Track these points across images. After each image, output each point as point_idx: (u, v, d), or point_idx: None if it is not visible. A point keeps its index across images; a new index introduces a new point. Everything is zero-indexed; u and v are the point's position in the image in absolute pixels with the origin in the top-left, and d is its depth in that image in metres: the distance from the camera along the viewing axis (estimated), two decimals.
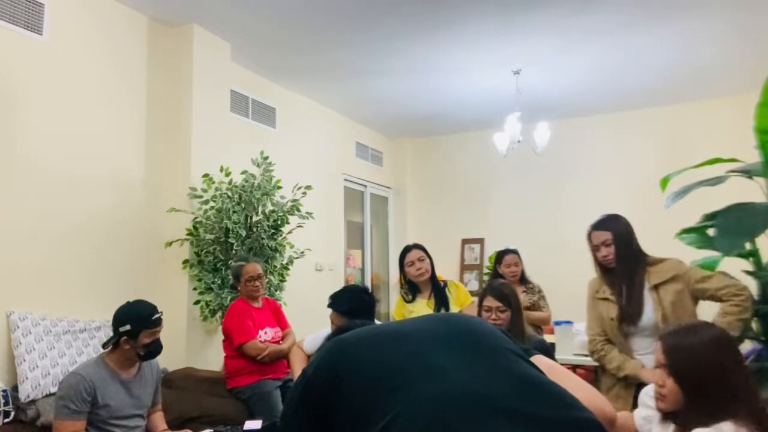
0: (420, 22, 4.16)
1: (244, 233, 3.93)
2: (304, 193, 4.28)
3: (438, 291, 3.32)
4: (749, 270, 2.80)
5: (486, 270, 6.66)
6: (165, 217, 3.90)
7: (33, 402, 2.86)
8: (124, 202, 3.75)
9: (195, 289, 3.85)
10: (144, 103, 3.94)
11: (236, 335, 3.44)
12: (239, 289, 3.61)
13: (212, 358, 4.02)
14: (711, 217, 2.85)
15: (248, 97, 4.98)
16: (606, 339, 2.61)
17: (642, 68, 5.10)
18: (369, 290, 2.87)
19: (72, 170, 3.43)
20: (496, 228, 6.92)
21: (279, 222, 4.15)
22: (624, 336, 2.55)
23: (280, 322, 3.73)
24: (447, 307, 3.28)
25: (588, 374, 3.73)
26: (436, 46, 4.59)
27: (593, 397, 1.28)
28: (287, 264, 4.30)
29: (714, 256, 3.06)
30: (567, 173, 6.62)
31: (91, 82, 3.60)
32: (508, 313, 2.66)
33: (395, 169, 7.53)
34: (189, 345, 3.92)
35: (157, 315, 2.55)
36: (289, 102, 5.53)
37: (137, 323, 2.48)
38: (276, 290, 4.19)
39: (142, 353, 2.54)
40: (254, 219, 4.07)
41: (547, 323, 4.09)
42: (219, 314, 3.88)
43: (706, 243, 3.01)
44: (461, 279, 6.96)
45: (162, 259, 3.93)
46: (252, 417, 3.15)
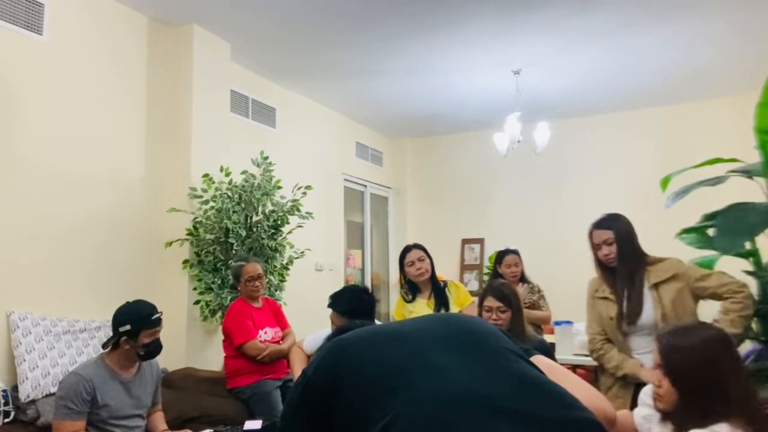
0: (420, 22, 4.16)
1: (244, 233, 3.93)
2: (304, 193, 4.28)
3: (438, 291, 3.32)
4: (749, 270, 2.80)
5: (486, 270, 6.66)
6: (165, 217, 3.90)
7: (33, 402, 2.86)
8: (124, 202, 3.75)
9: (195, 289, 3.85)
10: (144, 103, 3.94)
11: (236, 335, 3.44)
12: (239, 289, 3.62)
13: (212, 358, 4.02)
14: (711, 217, 2.85)
15: (248, 97, 4.98)
16: (605, 338, 2.61)
17: (642, 68, 5.10)
18: (369, 290, 2.87)
19: (72, 170, 3.43)
20: (496, 228, 6.92)
21: (279, 222, 4.15)
22: (623, 335, 2.55)
23: (280, 322, 3.74)
24: (447, 307, 3.28)
25: (588, 374, 3.73)
26: (436, 46, 4.59)
27: (593, 397, 1.28)
28: (287, 264, 4.30)
29: (711, 255, 3.07)
30: (567, 173, 6.62)
31: (91, 82, 3.60)
32: (509, 313, 2.66)
33: (395, 169, 7.53)
34: (189, 345, 3.92)
35: (157, 315, 2.55)
36: (289, 102, 5.53)
37: (137, 323, 2.48)
38: (276, 290, 4.19)
39: (142, 353, 2.54)
40: (254, 219, 4.07)
41: (547, 322, 4.10)
42: (219, 314, 3.88)
43: (706, 243, 3.01)
44: (461, 279, 6.96)
45: (162, 259, 3.93)
46: (252, 417, 3.15)
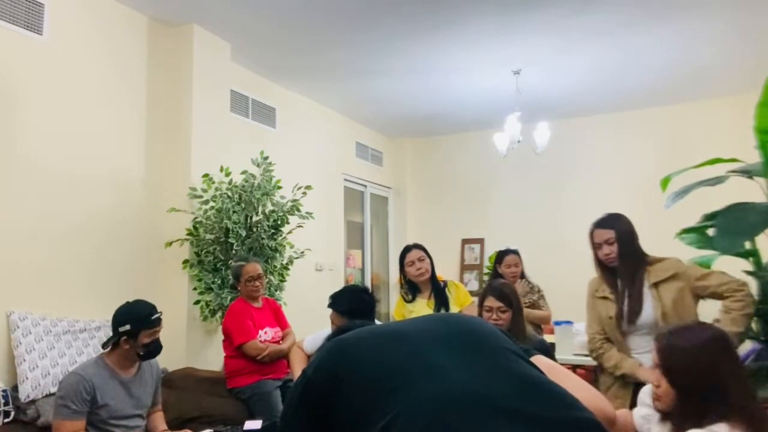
0: (420, 22, 4.16)
1: (244, 233, 3.93)
2: (304, 193, 4.28)
3: (438, 291, 3.32)
4: (749, 270, 2.80)
5: (486, 270, 6.66)
6: (165, 217, 3.90)
7: (33, 402, 2.86)
8: (124, 202, 3.75)
9: (195, 289, 3.85)
10: (144, 103, 3.94)
11: (236, 335, 3.44)
12: (239, 289, 3.61)
13: (212, 358, 4.02)
14: (711, 217, 2.85)
15: (248, 97, 4.98)
16: (605, 338, 2.62)
17: (642, 68, 5.10)
18: (369, 290, 2.87)
19: (72, 170, 3.43)
20: (496, 228, 6.92)
21: (279, 222, 4.15)
22: (622, 334, 2.55)
23: (280, 322, 3.74)
24: (447, 307, 3.27)
25: (588, 374, 3.73)
26: (436, 46, 4.59)
27: (593, 397, 1.28)
28: (287, 264, 4.30)
29: (709, 255, 3.07)
30: (567, 173, 6.62)
31: (91, 82, 3.60)
32: (509, 313, 2.66)
33: (395, 169, 7.53)
34: (189, 345, 3.92)
35: (157, 315, 2.55)
36: (289, 102, 5.53)
37: (137, 323, 2.48)
38: (276, 290, 4.19)
39: (142, 353, 2.54)
40: (254, 219, 4.07)
41: (548, 322, 4.10)
42: (219, 314, 3.88)
43: (706, 243, 3.01)
44: (461, 279, 6.96)
45: (162, 259, 3.93)
46: (252, 417, 3.15)
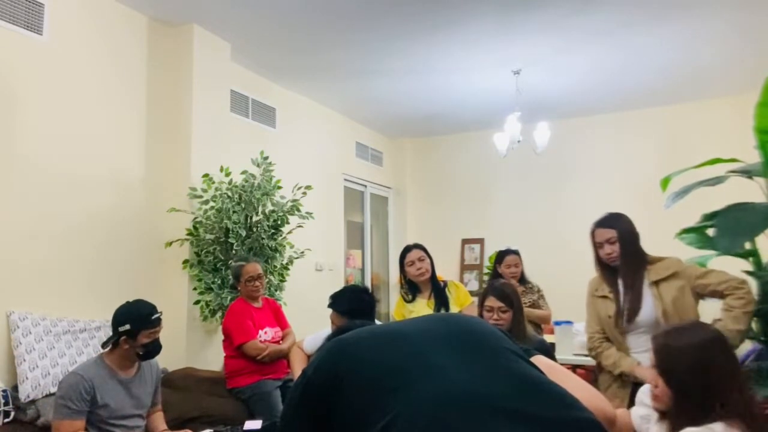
0: (420, 22, 4.16)
1: (244, 233, 3.93)
2: (304, 193, 4.28)
3: (438, 291, 3.32)
4: (749, 270, 2.80)
5: (486, 270, 6.66)
6: (165, 217, 3.90)
7: (33, 402, 2.87)
8: (124, 202, 3.75)
9: (195, 289, 3.85)
10: (144, 103, 3.94)
11: (236, 335, 3.44)
12: (239, 289, 3.61)
13: (212, 358, 4.02)
14: (711, 217, 2.85)
15: (248, 97, 4.98)
16: (604, 337, 2.62)
17: (642, 68, 5.10)
18: (369, 290, 2.87)
19: (72, 170, 3.43)
20: (496, 228, 6.92)
21: (279, 222, 4.15)
22: (621, 333, 2.56)
23: (280, 322, 3.73)
24: (447, 307, 3.27)
25: (588, 374, 3.72)
26: (436, 46, 4.59)
27: (593, 397, 1.29)
28: (287, 264, 4.30)
29: (706, 255, 3.07)
30: (567, 173, 6.62)
31: (91, 82, 3.60)
32: (510, 313, 2.66)
33: (395, 169, 7.53)
34: (189, 345, 3.92)
35: (157, 315, 2.55)
36: (289, 102, 5.53)
37: (137, 323, 2.48)
38: (276, 290, 4.19)
39: (141, 353, 2.54)
40: (254, 219, 4.07)
41: (548, 321, 4.10)
42: (219, 314, 3.88)
43: (706, 243, 3.01)
44: (461, 279, 6.96)
45: (162, 259, 3.93)
46: (252, 417, 3.15)
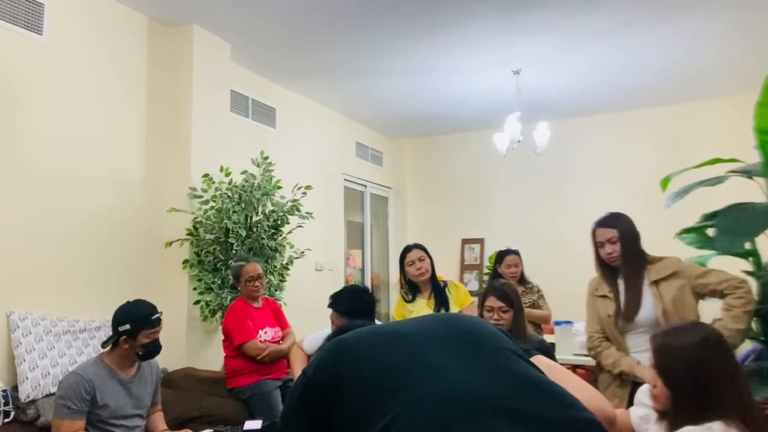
0: (420, 22, 4.16)
1: (244, 233, 3.93)
2: (304, 193, 4.28)
3: (438, 291, 3.32)
4: (749, 270, 2.80)
5: (486, 270, 6.66)
6: (165, 217, 3.90)
7: (33, 402, 2.86)
8: (124, 202, 3.75)
9: (195, 289, 3.85)
10: (144, 103, 3.94)
11: (236, 335, 3.44)
12: (239, 289, 3.61)
13: (212, 358, 4.02)
14: (711, 217, 2.85)
15: (248, 97, 4.98)
16: (604, 336, 2.62)
17: (642, 68, 5.10)
18: (369, 290, 2.87)
19: (72, 170, 3.43)
20: (496, 228, 6.92)
21: (279, 222, 4.15)
22: (620, 333, 2.56)
23: (280, 322, 3.73)
24: (447, 307, 3.27)
25: (588, 374, 3.72)
26: (436, 46, 4.59)
27: (593, 397, 1.29)
28: (287, 264, 4.30)
29: (706, 255, 3.07)
30: (567, 173, 6.62)
31: (91, 82, 3.60)
32: (511, 314, 2.65)
33: (395, 169, 7.53)
34: (189, 345, 3.92)
35: (157, 315, 2.55)
36: (289, 102, 5.53)
37: (136, 323, 2.48)
38: (276, 290, 4.19)
39: (141, 353, 2.54)
40: (254, 219, 4.07)
41: (548, 321, 4.10)
42: (219, 314, 3.88)
43: (706, 243, 3.01)
44: (461, 279, 6.96)
45: (162, 259, 3.93)
46: (252, 417, 3.15)
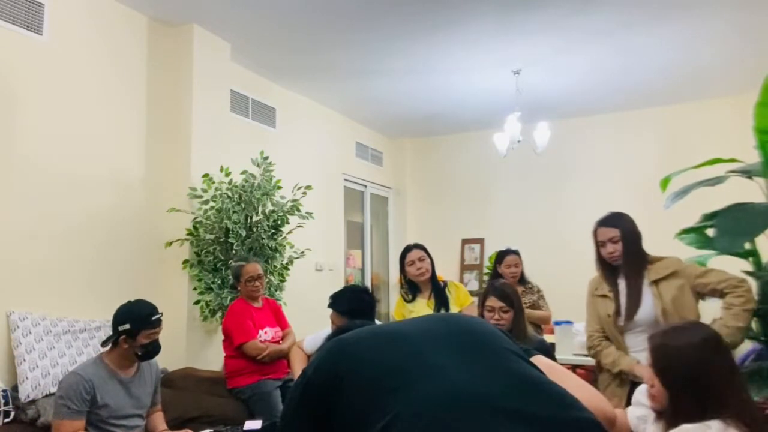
0: (420, 22, 4.16)
1: (244, 233, 3.93)
2: (304, 193, 4.28)
3: (438, 291, 3.32)
4: (749, 270, 2.80)
5: (486, 270, 6.66)
6: (165, 217, 3.90)
7: (33, 402, 2.86)
8: (124, 202, 3.75)
9: (195, 289, 3.85)
10: (144, 103, 3.94)
11: (236, 335, 3.44)
12: (239, 289, 3.61)
13: (212, 358, 4.02)
14: (711, 217, 2.85)
15: (248, 97, 4.98)
16: (604, 336, 2.62)
17: (642, 68, 5.10)
18: (369, 290, 2.87)
19: (72, 170, 3.43)
20: (496, 228, 6.92)
21: (279, 222, 4.15)
22: (620, 332, 2.56)
23: (280, 322, 3.73)
24: (447, 307, 3.27)
25: (588, 374, 3.72)
26: (436, 46, 4.59)
27: (593, 397, 1.29)
28: (287, 264, 4.30)
29: (706, 255, 3.08)
30: (567, 173, 6.62)
31: (91, 82, 3.60)
32: (511, 314, 2.66)
33: (395, 169, 7.53)
34: (189, 345, 3.92)
35: (157, 316, 2.55)
36: (289, 102, 5.53)
37: (136, 323, 2.48)
38: (276, 290, 4.19)
39: (140, 353, 2.53)
40: (254, 219, 4.07)
41: (548, 322, 4.10)
42: (219, 314, 3.88)
43: (706, 243, 3.02)
44: (461, 279, 6.96)
45: (162, 259, 3.93)
46: (252, 417, 3.15)
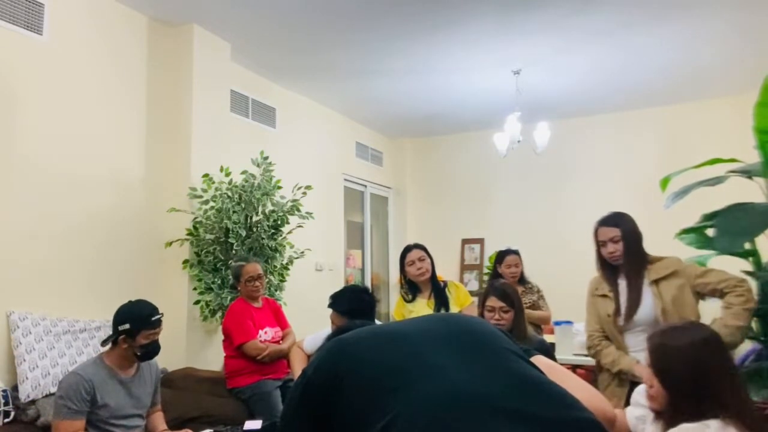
0: (420, 22, 4.16)
1: (244, 233, 3.93)
2: (304, 193, 4.28)
3: (438, 291, 3.32)
4: (749, 270, 2.80)
5: (486, 270, 6.66)
6: (165, 217, 3.90)
7: (33, 402, 2.87)
8: (124, 202, 3.75)
9: (195, 289, 3.85)
10: (144, 103, 3.94)
11: (236, 335, 3.44)
12: (239, 289, 3.61)
13: (212, 358, 4.02)
14: (710, 217, 2.85)
15: (248, 97, 4.98)
16: (604, 335, 2.62)
17: (642, 68, 5.10)
18: (369, 290, 2.87)
19: (72, 170, 3.43)
20: (496, 228, 6.92)
21: (279, 222, 4.15)
22: (620, 332, 2.56)
23: (280, 322, 3.73)
24: (447, 307, 3.27)
25: (588, 374, 3.72)
26: (436, 46, 4.59)
27: (593, 397, 1.29)
28: (287, 264, 4.30)
29: (706, 255, 3.08)
30: (567, 173, 6.62)
31: (91, 82, 3.60)
32: (512, 314, 2.66)
33: (395, 169, 7.53)
34: (189, 345, 3.92)
35: (157, 316, 2.55)
36: (289, 102, 5.53)
37: (137, 323, 2.48)
38: (276, 290, 4.19)
39: (139, 353, 2.53)
40: (254, 219, 4.07)
41: (548, 322, 4.10)
42: (219, 314, 3.88)
43: (706, 243, 3.02)
44: (461, 279, 6.96)
45: (162, 259, 3.93)
46: (252, 417, 3.15)
